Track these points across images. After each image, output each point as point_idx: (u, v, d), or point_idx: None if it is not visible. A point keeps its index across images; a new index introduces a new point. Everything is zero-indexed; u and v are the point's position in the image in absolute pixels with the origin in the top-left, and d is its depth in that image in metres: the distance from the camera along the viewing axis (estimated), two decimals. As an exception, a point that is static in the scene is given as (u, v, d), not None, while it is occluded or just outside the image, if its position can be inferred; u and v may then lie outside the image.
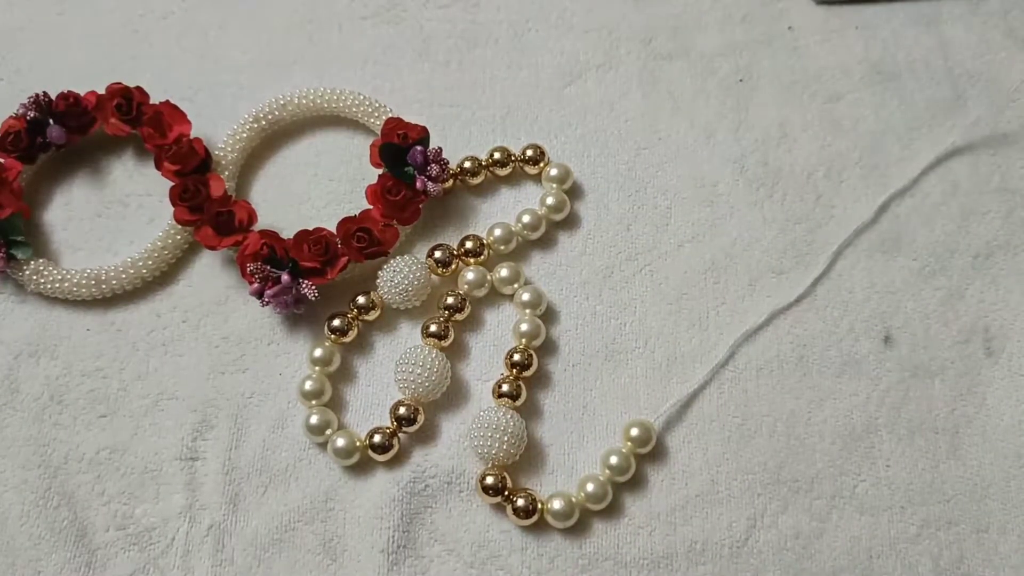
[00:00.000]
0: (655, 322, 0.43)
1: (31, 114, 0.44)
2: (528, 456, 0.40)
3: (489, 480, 0.38)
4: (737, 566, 0.38)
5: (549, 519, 0.38)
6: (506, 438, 0.38)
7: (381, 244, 0.42)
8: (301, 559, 0.39)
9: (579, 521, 0.38)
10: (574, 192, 0.45)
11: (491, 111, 0.47)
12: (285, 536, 0.39)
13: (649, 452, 0.40)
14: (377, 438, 0.39)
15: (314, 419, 0.40)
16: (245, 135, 0.45)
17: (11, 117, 0.45)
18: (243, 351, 0.42)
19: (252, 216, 0.43)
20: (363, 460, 0.40)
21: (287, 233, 0.43)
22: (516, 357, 0.40)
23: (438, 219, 0.45)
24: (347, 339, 0.42)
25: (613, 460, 0.39)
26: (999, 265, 0.43)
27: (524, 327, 0.41)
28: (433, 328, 0.41)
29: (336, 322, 0.41)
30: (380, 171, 0.43)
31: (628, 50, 0.49)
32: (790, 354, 0.42)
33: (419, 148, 0.43)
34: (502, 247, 0.43)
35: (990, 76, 0.48)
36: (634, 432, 0.39)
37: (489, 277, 0.43)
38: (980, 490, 0.39)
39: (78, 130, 0.45)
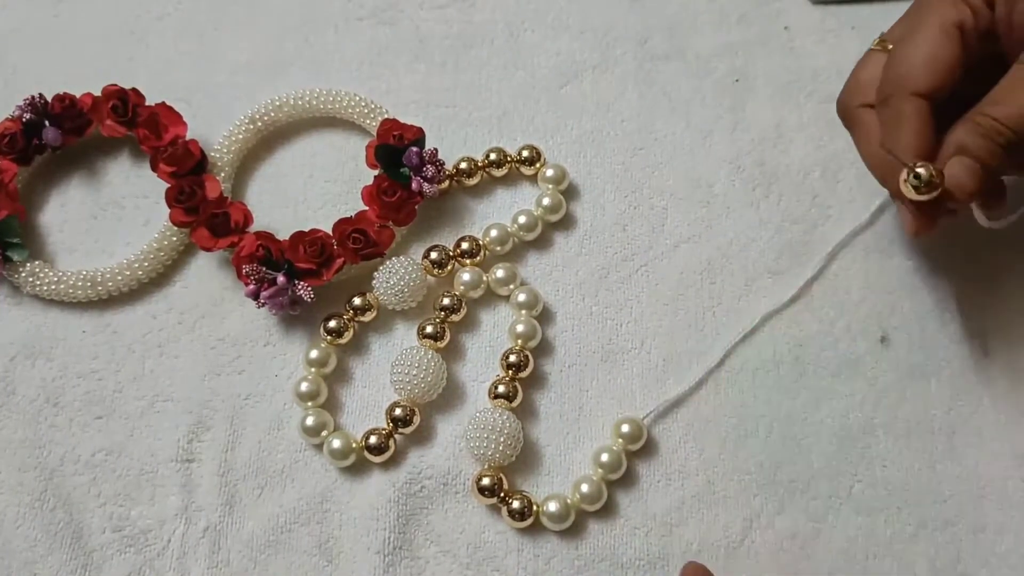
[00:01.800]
0: (651, 323, 0.43)
1: (27, 116, 0.44)
2: (524, 457, 0.40)
3: (485, 481, 0.38)
4: (733, 567, 0.38)
5: (544, 521, 0.38)
6: (502, 439, 0.38)
7: (377, 245, 0.42)
8: (297, 560, 0.38)
9: (575, 522, 0.38)
10: (570, 193, 0.45)
11: (487, 112, 0.47)
12: (281, 537, 0.39)
13: (641, 450, 0.40)
14: (373, 439, 0.39)
15: (310, 420, 0.40)
16: (241, 136, 0.45)
17: (7, 119, 0.45)
18: (239, 352, 0.42)
19: (248, 217, 0.43)
20: (359, 461, 0.40)
21: (283, 234, 0.42)
22: (512, 358, 0.40)
23: (434, 220, 0.45)
24: (343, 340, 0.42)
25: (604, 457, 0.39)
26: (996, 265, 0.43)
27: (520, 328, 0.41)
28: (429, 329, 0.41)
29: (332, 323, 0.41)
30: (376, 172, 0.43)
31: (624, 51, 0.49)
32: (786, 355, 0.42)
33: (415, 149, 0.43)
34: (498, 248, 0.43)
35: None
36: (624, 429, 0.39)
37: (485, 278, 0.43)
38: (977, 490, 0.39)
39: (74, 132, 0.45)
